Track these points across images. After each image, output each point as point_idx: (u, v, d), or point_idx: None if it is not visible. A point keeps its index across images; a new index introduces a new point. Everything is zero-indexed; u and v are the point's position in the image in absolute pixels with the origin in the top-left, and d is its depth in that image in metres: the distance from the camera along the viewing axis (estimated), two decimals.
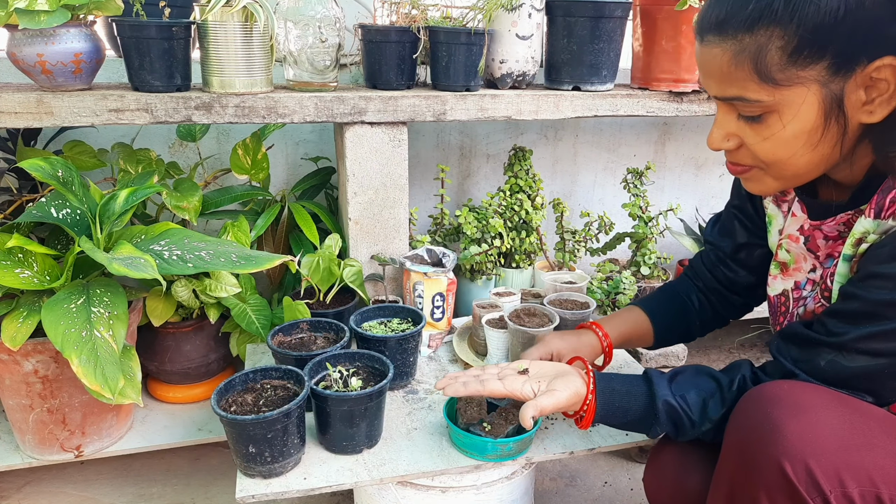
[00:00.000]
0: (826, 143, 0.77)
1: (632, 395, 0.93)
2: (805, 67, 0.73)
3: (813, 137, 0.77)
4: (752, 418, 0.76)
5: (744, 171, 0.85)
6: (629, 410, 0.92)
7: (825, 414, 0.74)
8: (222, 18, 1.23)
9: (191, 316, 1.42)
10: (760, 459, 0.74)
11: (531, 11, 1.44)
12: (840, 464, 0.71)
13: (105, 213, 1.15)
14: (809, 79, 0.73)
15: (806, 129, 0.76)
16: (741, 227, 1.10)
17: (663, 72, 1.51)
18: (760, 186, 0.86)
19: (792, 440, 0.71)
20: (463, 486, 1.09)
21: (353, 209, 1.45)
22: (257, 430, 0.95)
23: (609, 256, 1.92)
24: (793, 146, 0.78)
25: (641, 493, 1.49)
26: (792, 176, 0.82)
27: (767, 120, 0.77)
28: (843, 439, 0.72)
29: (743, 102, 0.77)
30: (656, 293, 1.23)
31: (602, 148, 1.99)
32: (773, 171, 0.82)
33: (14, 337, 1.07)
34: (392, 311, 1.34)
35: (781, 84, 0.74)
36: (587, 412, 0.93)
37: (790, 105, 0.75)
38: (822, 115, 0.75)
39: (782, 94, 0.75)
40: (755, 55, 0.74)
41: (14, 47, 1.16)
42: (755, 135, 0.79)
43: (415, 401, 1.22)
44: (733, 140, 0.82)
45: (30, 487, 1.46)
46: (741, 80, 0.76)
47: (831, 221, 0.88)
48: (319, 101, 1.33)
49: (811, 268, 0.93)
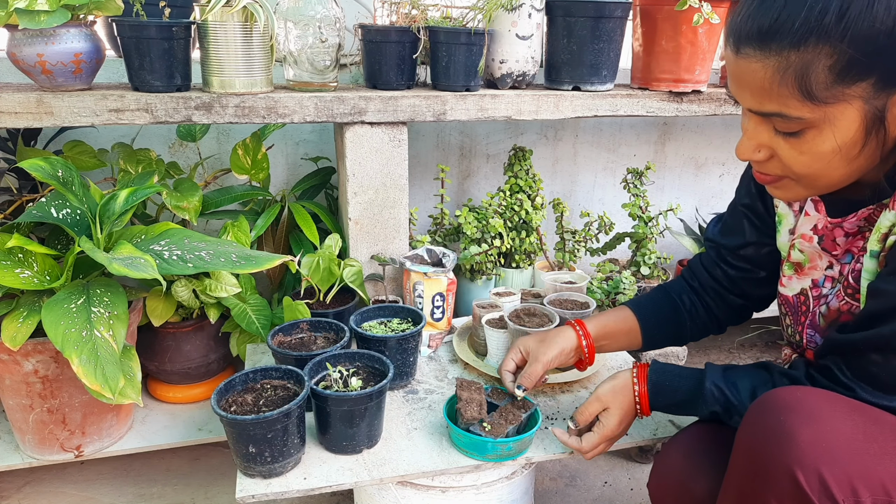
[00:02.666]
0: (864, 157, 0.76)
1: (683, 377, 0.96)
2: (851, 85, 0.71)
3: (851, 152, 0.75)
4: (765, 424, 0.75)
5: (774, 182, 0.84)
6: (678, 391, 0.96)
7: (839, 422, 0.72)
8: (222, 18, 1.23)
9: (191, 316, 1.42)
10: (772, 467, 0.73)
11: (531, 11, 1.44)
12: (853, 473, 0.69)
13: (105, 213, 1.15)
14: (854, 96, 0.71)
15: (846, 145, 0.74)
16: (750, 225, 1.07)
17: (663, 72, 1.51)
18: (789, 194, 0.85)
19: (805, 448, 0.70)
20: (463, 485, 1.09)
21: (354, 209, 1.45)
22: (257, 430, 0.95)
23: (609, 256, 1.92)
24: (830, 161, 0.76)
25: (641, 493, 1.49)
26: (825, 186, 0.81)
27: (806, 135, 0.75)
28: (857, 448, 0.71)
29: (782, 119, 0.75)
30: (647, 293, 1.22)
31: (602, 148, 1.99)
32: (805, 181, 0.80)
33: (14, 337, 1.07)
34: (392, 311, 1.34)
35: (825, 102, 0.72)
36: (640, 395, 0.98)
37: (831, 121, 0.73)
38: (864, 130, 0.73)
39: (824, 111, 0.72)
40: (801, 73, 0.71)
41: (14, 47, 1.16)
42: (791, 149, 0.77)
43: (415, 401, 1.22)
44: (764, 151, 0.80)
45: (30, 487, 1.46)
46: (783, 97, 0.73)
47: (852, 218, 0.86)
48: (319, 101, 1.33)
49: (827, 265, 0.92)
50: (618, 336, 1.14)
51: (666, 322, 1.15)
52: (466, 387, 1.10)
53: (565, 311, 1.30)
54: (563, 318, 1.28)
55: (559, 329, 1.13)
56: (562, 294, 1.38)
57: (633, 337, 1.15)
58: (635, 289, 1.67)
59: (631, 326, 1.14)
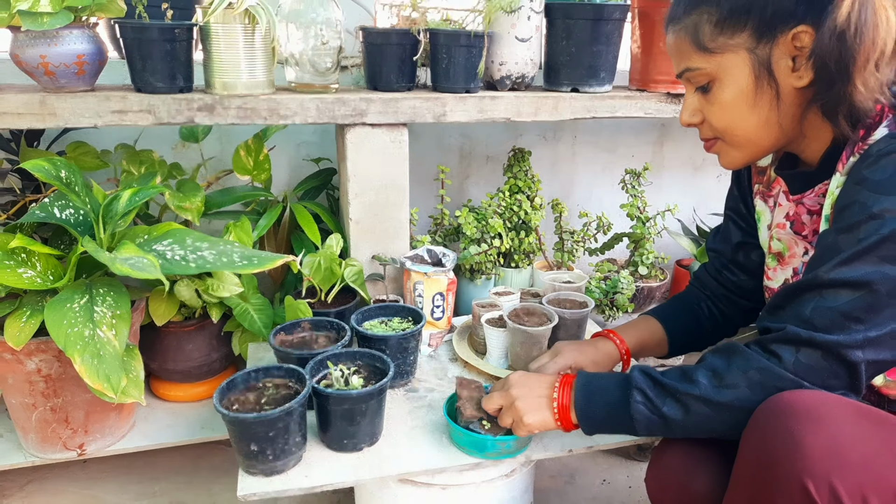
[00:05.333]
0: (763, 105, 0.86)
1: (610, 377, 0.93)
2: (733, 36, 0.85)
3: (749, 99, 0.86)
4: (771, 432, 0.74)
5: (711, 146, 0.96)
6: (607, 388, 0.91)
7: (846, 426, 0.71)
8: (224, 20, 1.24)
9: (193, 315, 1.43)
10: (781, 476, 0.71)
11: (530, 14, 1.45)
12: (863, 480, 0.69)
13: (108, 214, 1.16)
14: (738, 46, 0.85)
15: (742, 92, 0.86)
16: (735, 227, 1.13)
17: (661, 73, 1.52)
18: (728, 159, 0.95)
19: (814, 457, 0.69)
20: (463, 483, 1.09)
21: (355, 210, 1.46)
22: (259, 429, 0.96)
23: (607, 256, 1.93)
24: (734, 108, 0.88)
25: (639, 490, 1.50)
26: (745, 141, 0.90)
27: (713, 88, 0.89)
28: (866, 454, 0.70)
29: (690, 72, 0.90)
30: (666, 303, 1.25)
31: (600, 149, 2.00)
32: (728, 138, 0.91)
33: (17, 336, 1.08)
34: (393, 310, 1.35)
35: (715, 51, 0.86)
36: (559, 400, 0.94)
37: (726, 71, 0.86)
38: (753, 77, 0.85)
39: (717, 60, 0.87)
40: (693, 30, 0.88)
41: (17, 49, 1.17)
42: (707, 104, 0.91)
43: (415, 399, 1.23)
44: (697, 115, 0.93)
45: (33, 486, 1.46)
46: (686, 52, 0.89)
47: (810, 193, 0.93)
48: (321, 102, 1.33)
49: (804, 251, 0.95)
50: (649, 346, 1.18)
51: (689, 329, 1.19)
52: (466, 385, 1.11)
53: (564, 311, 1.31)
54: (561, 318, 1.29)
55: (602, 345, 1.16)
56: (560, 293, 1.39)
57: (660, 346, 1.19)
58: (633, 288, 1.68)
59: (660, 337, 1.18)
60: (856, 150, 0.82)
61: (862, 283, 0.76)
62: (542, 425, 0.96)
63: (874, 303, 0.75)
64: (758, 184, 1.07)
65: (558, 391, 0.95)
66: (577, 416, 0.93)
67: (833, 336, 0.77)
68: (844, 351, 0.77)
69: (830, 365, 0.78)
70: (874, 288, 0.75)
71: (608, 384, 0.92)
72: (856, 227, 0.77)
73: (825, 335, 0.77)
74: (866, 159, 0.79)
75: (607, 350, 1.15)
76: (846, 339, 0.76)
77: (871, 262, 0.75)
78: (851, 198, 0.79)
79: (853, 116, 0.82)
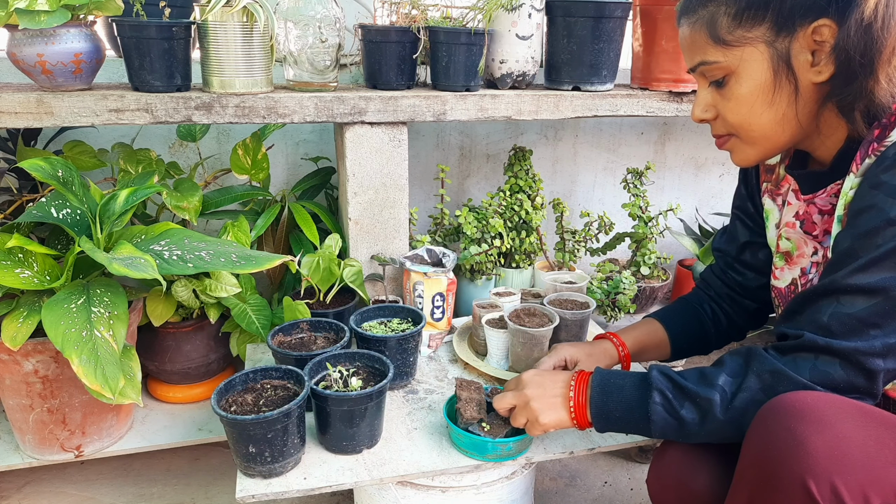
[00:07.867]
0: (781, 101, 0.84)
1: (627, 376, 0.92)
2: (751, 29, 0.83)
3: (767, 95, 0.84)
4: (773, 432, 0.74)
5: (724, 142, 0.92)
6: (624, 387, 0.90)
7: (850, 427, 0.71)
8: (222, 18, 1.23)
9: (191, 316, 1.42)
10: (783, 476, 0.71)
11: (531, 11, 1.44)
12: (865, 481, 0.68)
13: (105, 213, 1.15)
14: (756, 39, 0.83)
15: (759, 86, 0.84)
16: (743, 226, 1.12)
17: (663, 72, 1.51)
18: (742, 156, 0.92)
19: (816, 457, 0.69)
20: (463, 485, 1.09)
21: (354, 209, 1.45)
22: (257, 430, 0.95)
23: (609, 256, 1.92)
24: (751, 103, 0.85)
25: (641, 492, 1.49)
26: (760, 137, 0.88)
27: (728, 82, 0.86)
28: (868, 455, 0.70)
29: (706, 66, 0.87)
30: (669, 305, 1.24)
31: (602, 148, 1.99)
32: (743, 134, 0.89)
33: (14, 337, 1.07)
34: (392, 311, 1.34)
35: (732, 44, 0.84)
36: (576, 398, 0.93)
37: (744, 64, 0.84)
38: (772, 72, 0.83)
39: (734, 53, 0.84)
40: (710, 22, 0.85)
41: (14, 47, 1.16)
42: (722, 99, 0.88)
43: (415, 401, 1.22)
44: (710, 110, 0.91)
45: (30, 487, 1.46)
46: (701, 46, 0.87)
47: (822, 193, 0.91)
48: (319, 101, 1.33)
49: (813, 251, 0.94)
50: (650, 349, 1.17)
51: (693, 333, 1.18)
52: (466, 387, 1.10)
53: (565, 311, 1.30)
54: (563, 318, 1.28)
55: (600, 343, 1.15)
56: (562, 294, 1.39)
57: (662, 349, 1.18)
58: (635, 289, 1.67)
59: (661, 339, 1.17)
60: (870, 150, 0.81)
61: (879, 289, 0.76)
62: (557, 424, 0.95)
63: (892, 309, 0.76)
64: (766, 182, 1.06)
65: (574, 389, 0.95)
66: (592, 414, 0.93)
67: (851, 343, 0.77)
68: (863, 358, 0.77)
69: (849, 373, 0.78)
70: (892, 294, 0.75)
71: (625, 383, 0.91)
72: (873, 232, 0.76)
73: (843, 342, 0.77)
74: (883, 162, 0.79)
75: (607, 351, 1.14)
76: (864, 346, 0.77)
77: (888, 269, 0.75)
78: (868, 202, 0.78)
79: (870, 113, 0.82)
